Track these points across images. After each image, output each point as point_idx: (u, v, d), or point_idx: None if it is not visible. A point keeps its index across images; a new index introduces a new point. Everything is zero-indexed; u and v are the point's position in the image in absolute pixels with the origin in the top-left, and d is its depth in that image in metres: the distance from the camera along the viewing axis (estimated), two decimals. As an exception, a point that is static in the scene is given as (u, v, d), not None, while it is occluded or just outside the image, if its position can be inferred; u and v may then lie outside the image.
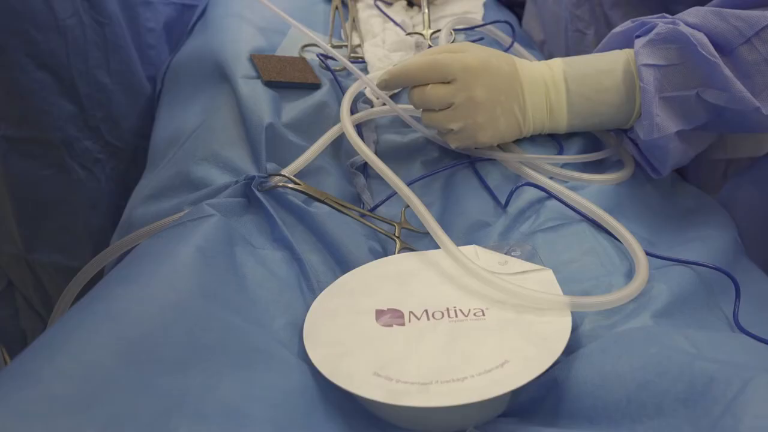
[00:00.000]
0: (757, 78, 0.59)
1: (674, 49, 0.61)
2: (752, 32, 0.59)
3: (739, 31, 0.59)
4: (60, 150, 1.04)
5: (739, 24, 0.60)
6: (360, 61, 0.77)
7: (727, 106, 0.60)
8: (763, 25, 0.59)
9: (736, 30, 0.59)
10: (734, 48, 0.60)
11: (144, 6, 1.05)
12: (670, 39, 0.61)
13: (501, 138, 0.65)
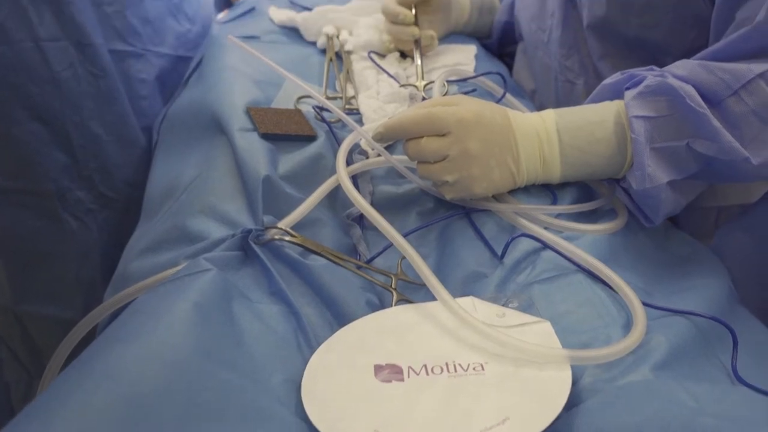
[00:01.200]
0: (746, 129, 0.61)
1: (663, 100, 0.62)
2: (739, 85, 0.61)
3: (726, 84, 0.61)
4: (52, 201, 1.04)
5: (726, 77, 0.61)
6: (355, 112, 0.78)
7: (717, 157, 0.61)
8: (749, 78, 0.60)
9: (723, 82, 0.61)
10: (722, 100, 0.61)
11: (135, 58, 1.07)
12: (659, 91, 0.63)
13: (495, 189, 0.66)
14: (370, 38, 0.90)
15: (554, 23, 0.86)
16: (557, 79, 0.88)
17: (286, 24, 0.96)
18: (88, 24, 0.99)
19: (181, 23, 1.11)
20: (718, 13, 0.68)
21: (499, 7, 1.07)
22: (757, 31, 0.62)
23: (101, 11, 1.01)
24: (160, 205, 0.73)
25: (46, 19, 0.96)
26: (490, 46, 1.06)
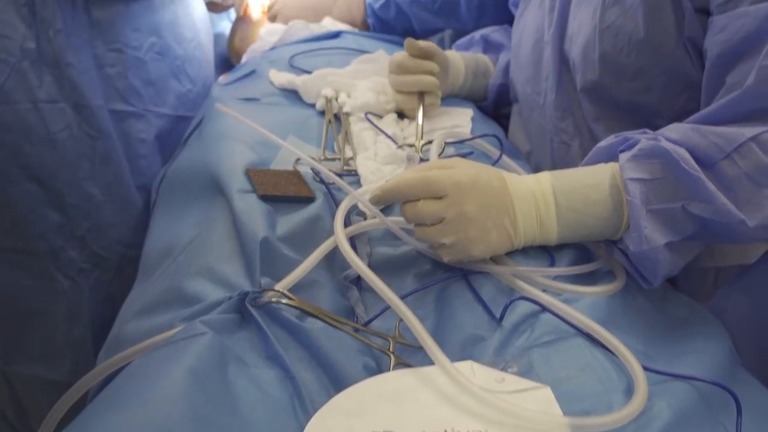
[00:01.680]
0: (740, 192, 0.61)
1: (657, 163, 0.63)
2: (731, 148, 0.61)
3: (719, 147, 0.62)
4: (45, 260, 1.03)
5: (718, 140, 0.62)
6: (353, 173, 0.79)
7: (713, 219, 0.62)
8: (741, 141, 0.61)
9: (716, 146, 0.62)
10: (715, 162, 0.62)
11: (136, 118, 1.08)
12: (653, 154, 0.64)
13: (493, 251, 0.66)
14: (367, 100, 0.91)
15: (548, 86, 0.88)
16: (552, 140, 0.89)
17: (286, 86, 0.97)
18: (88, 86, 1.00)
19: (182, 84, 1.13)
20: (709, 77, 0.70)
21: (493, 70, 1.09)
22: (747, 95, 0.63)
23: (104, 72, 1.03)
24: (158, 265, 0.72)
25: (46, 81, 0.97)
26: (485, 108, 1.08)
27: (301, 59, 1.05)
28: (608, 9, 0.77)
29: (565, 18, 0.86)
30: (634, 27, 0.74)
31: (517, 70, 0.97)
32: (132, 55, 1.05)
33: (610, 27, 0.77)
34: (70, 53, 0.98)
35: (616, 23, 0.76)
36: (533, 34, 0.93)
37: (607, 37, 0.77)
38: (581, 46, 0.81)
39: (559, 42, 0.86)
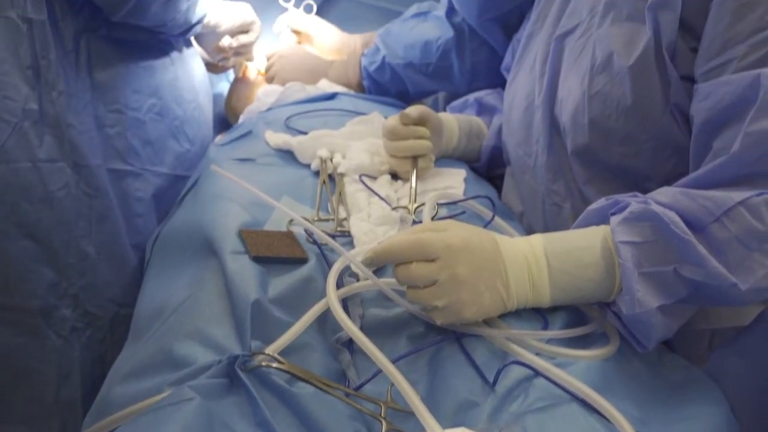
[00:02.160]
0: (731, 255, 0.62)
1: (648, 226, 0.64)
2: (720, 212, 0.62)
3: (709, 211, 0.62)
4: (36, 318, 1.02)
5: (707, 204, 0.63)
6: (346, 234, 0.79)
7: (705, 282, 0.62)
8: (730, 205, 0.62)
9: (706, 209, 0.63)
10: (705, 226, 0.63)
11: (134, 177, 1.09)
12: (643, 217, 0.64)
13: (485, 313, 0.66)
14: (362, 161, 0.93)
15: (540, 149, 0.90)
16: (544, 202, 0.90)
17: (281, 147, 0.99)
18: (87, 146, 1.01)
19: (181, 144, 1.14)
20: (696, 143, 0.71)
21: (486, 132, 1.11)
22: (733, 160, 0.65)
23: (103, 132, 1.04)
24: (148, 326, 0.72)
25: (46, 141, 0.98)
26: (479, 169, 1.10)
27: (297, 120, 1.07)
28: (596, 76, 0.79)
29: (554, 84, 0.88)
30: (622, 94, 0.76)
31: (509, 133, 0.99)
32: (132, 115, 1.07)
33: (598, 93, 0.78)
34: (71, 114, 1.00)
35: (604, 90, 0.78)
36: (524, 98, 0.95)
37: (595, 103, 0.79)
38: (571, 111, 0.82)
39: (550, 107, 0.88)
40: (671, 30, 0.72)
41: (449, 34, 1.21)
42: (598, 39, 0.80)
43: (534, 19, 1.00)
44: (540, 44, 0.94)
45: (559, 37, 0.89)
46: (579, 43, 0.85)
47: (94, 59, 1.03)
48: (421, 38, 1.24)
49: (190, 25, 1.10)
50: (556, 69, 0.88)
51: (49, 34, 0.97)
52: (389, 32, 1.29)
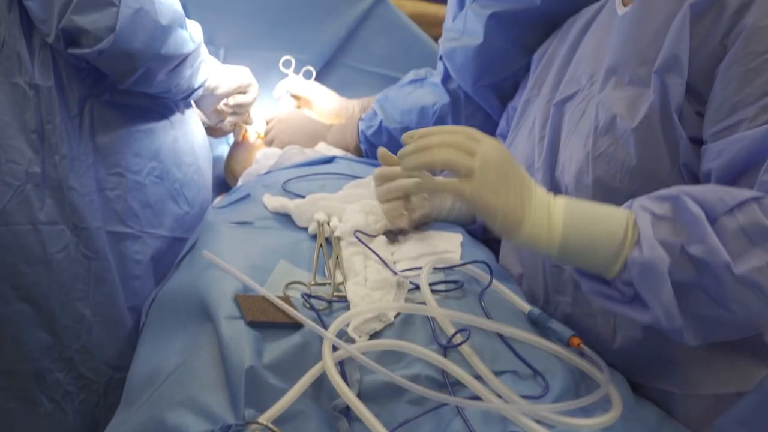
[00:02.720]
0: (733, 244, 0.63)
1: (668, 205, 0.68)
2: (734, 203, 0.64)
3: (724, 202, 0.65)
4: (29, 381, 1.01)
5: (725, 196, 0.65)
6: (343, 299, 0.79)
7: (704, 259, 0.63)
8: (744, 198, 0.64)
9: (722, 201, 0.65)
10: (718, 217, 0.65)
11: (133, 239, 1.09)
12: (665, 197, 0.69)
13: (504, 210, 0.70)
14: (356, 222, 0.93)
15: None
16: (545, 263, 0.90)
17: (279, 211, 1.00)
18: (88, 208, 1.03)
19: (180, 206, 1.15)
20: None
21: None
22: None
23: (104, 195, 1.06)
24: (141, 393, 0.71)
25: (47, 204, 0.99)
26: (475, 232, 1.10)
27: (295, 184, 1.08)
28: (600, 138, 0.80)
29: (555, 147, 0.90)
30: (627, 155, 0.78)
31: None
32: (132, 178, 1.08)
33: (602, 154, 0.80)
34: (73, 177, 1.01)
35: (608, 151, 0.80)
36: (523, 161, 0.96)
37: (600, 164, 0.80)
38: (574, 172, 0.84)
39: (550, 169, 0.90)
40: (679, 93, 0.75)
41: (445, 100, 1.23)
42: (600, 103, 0.82)
43: (531, 86, 1.03)
44: (538, 110, 0.96)
45: (558, 102, 0.91)
46: (580, 107, 0.87)
47: (97, 123, 1.05)
48: (418, 104, 1.26)
49: (193, 89, 1.13)
50: (557, 133, 0.90)
51: (55, 100, 1.00)
52: (386, 97, 1.32)
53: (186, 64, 1.07)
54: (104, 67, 1.00)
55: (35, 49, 0.99)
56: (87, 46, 0.95)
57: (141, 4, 0.97)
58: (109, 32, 0.94)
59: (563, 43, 1.01)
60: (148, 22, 0.98)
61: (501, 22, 1.11)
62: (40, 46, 0.99)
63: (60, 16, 0.94)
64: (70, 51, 0.96)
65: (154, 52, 1.00)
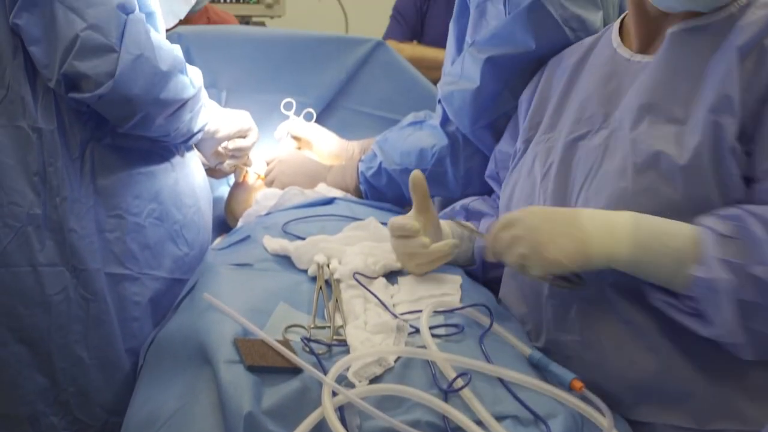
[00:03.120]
0: None
1: (732, 225, 0.72)
2: None
3: None
4: (23, 425, 1.00)
5: None
6: (343, 343, 0.79)
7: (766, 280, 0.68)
8: None
9: None
10: None
11: (131, 281, 1.09)
12: (730, 217, 0.73)
13: (568, 254, 0.76)
14: (356, 264, 0.93)
15: None
16: (548, 302, 0.90)
17: (279, 252, 1.00)
18: (87, 250, 1.03)
19: (179, 248, 1.15)
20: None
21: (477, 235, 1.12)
22: None
23: (103, 237, 1.06)
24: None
25: (48, 246, 1.00)
26: (474, 273, 1.10)
27: (295, 225, 1.09)
28: (642, 173, 0.81)
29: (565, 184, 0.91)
30: (673, 191, 0.79)
31: None
32: (132, 220, 1.08)
33: (645, 190, 0.81)
34: (73, 219, 1.02)
35: (652, 186, 0.80)
36: (524, 201, 0.96)
37: (643, 199, 0.80)
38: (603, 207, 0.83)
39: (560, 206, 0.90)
40: (732, 133, 0.77)
41: (444, 142, 1.25)
42: (635, 140, 0.83)
43: (526, 127, 1.04)
44: (538, 150, 0.97)
45: (569, 141, 0.92)
46: (599, 145, 0.88)
47: (98, 166, 1.06)
48: (417, 146, 1.28)
49: (192, 133, 1.14)
50: (567, 170, 0.91)
51: (57, 143, 1.01)
52: (386, 139, 1.34)
53: (185, 109, 1.08)
54: (103, 112, 1.02)
55: (38, 94, 1.00)
56: (87, 91, 0.97)
57: (141, 50, 0.98)
58: (109, 78, 0.96)
59: (553, 84, 1.03)
60: (148, 68, 0.99)
61: (496, 66, 1.13)
62: (43, 91, 1.00)
63: (62, 61, 0.95)
64: (70, 95, 0.98)
65: (153, 97, 1.01)
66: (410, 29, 2.19)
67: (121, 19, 0.98)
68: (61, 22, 0.95)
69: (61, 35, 0.95)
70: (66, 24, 0.95)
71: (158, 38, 1.04)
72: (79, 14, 0.95)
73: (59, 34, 0.95)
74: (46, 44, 0.97)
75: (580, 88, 0.97)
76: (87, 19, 0.95)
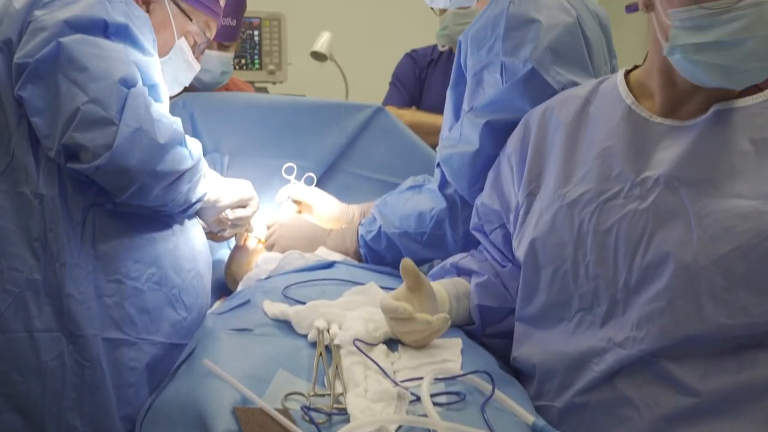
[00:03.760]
0: None
1: None
2: None
3: None
4: (14, 495, 0.97)
5: None
6: (343, 412, 0.77)
7: None
8: None
9: None
10: None
11: (128, 346, 1.08)
12: None
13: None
14: (357, 331, 0.92)
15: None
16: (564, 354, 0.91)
17: (279, 317, 0.99)
18: (85, 315, 1.02)
19: (178, 312, 1.14)
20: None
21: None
22: None
23: (102, 302, 1.05)
24: None
25: (45, 311, 0.99)
26: (474, 332, 1.09)
27: (295, 290, 1.08)
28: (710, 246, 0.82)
29: (606, 250, 0.90)
30: (745, 266, 0.80)
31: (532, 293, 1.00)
32: (131, 285, 1.08)
33: (715, 263, 0.82)
34: (72, 284, 1.02)
35: (721, 261, 0.81)
36: (552, 259, 0.96)
37: (712, 274, 0.82)
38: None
39: (609, 258, 0.90)
40: None
41: (442, 205, 1.26)
42: (699, 213, 0.84)
43: (527, 180, 1.04)
44: (557, 207, 0.97)
45: (602, 201, 0.92)
46: (647, 209, 0.88)
47: (98, 232, 1.06)
48: (416, 209, 1.29)
49: (191, 204, 1.15)
50: (605, 234, 0.91)
51: (59, 208, 1.02)
52: (385, 203, 1.35)
53: (183, 180, 1.09)
54: (101, 182, 1.03)
55: (41, 160, 1.02)
56: (85, 162, 0.99)
57: (140, 123, 1.01)
58: (107, 149, 0.98)
59: (549, 136, 1.03)
60: (146, 141, 1.01)
61: (494, 130, 1.15)
62: (46, 158, 1.02)
63: (62, 132, 0.97)
64: (69, 165, 1.00)
65: (149, 169, 1.03)
66: (409, 95, 2.25)
67: (122, 93, 1.00)
68: (63, 94, 0.98)
69: (63, 107, 0.97)
70: (68, 97, 0.98)
71: (158, 112, 1.06)
72: (82, 88, 0.98)
73: (61, 106, 0.98)
74: (48, 116, 0.99)
75: (590, 140, 0.98)
76: (89, 93, 0.98)
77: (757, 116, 0.86)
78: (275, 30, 2.43)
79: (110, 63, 1.01)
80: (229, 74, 1.80)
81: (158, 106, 1.07)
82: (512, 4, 1.14)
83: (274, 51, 2.43)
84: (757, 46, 0.83)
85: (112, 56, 1.02)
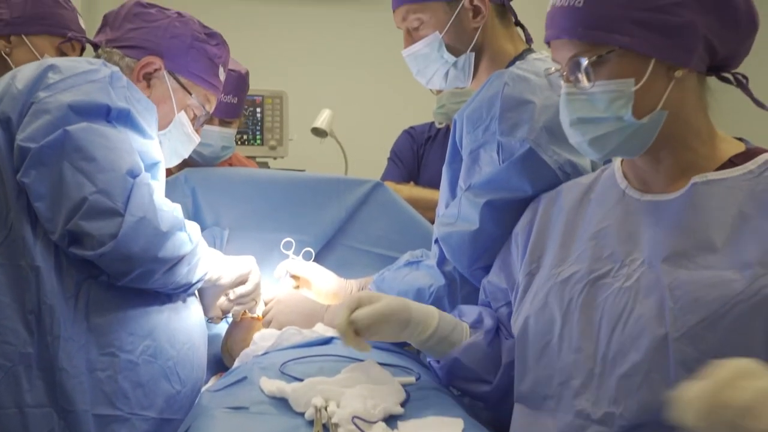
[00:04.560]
0: None
1: None
2: None
3: None
4: None
5: None
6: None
7: None
8: None
9: None
10: None
11: (120, 423, 1.06)
12: None
13: None
14: (355, 408, 0.91)
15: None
16: None
17: (276, 395, 0.97)
18: (77, 390, 1.00)
19: (172, 385, 1.12)
20: None
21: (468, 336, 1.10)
22: None
23: (95, 376, 1.04)
24: None
25: (36, 386, 0.98)
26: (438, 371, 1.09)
27: (293, 366, 1.07)
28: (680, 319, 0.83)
29: (590, 326, 0.91)
30: (713, 335, 0.80)
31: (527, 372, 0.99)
32: (125, 358, 1.06)
33: (685, 336, 0.82)
34: (64, 358, 1.00)
35: (690, 333, 0.82)
36: (540, 337, 0.97)
37: (683, 346, 0.82)
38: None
39: (589, 332, 0.91)
40: None
41: (441, 281, 1.26)
42: (671, 285, 0.85)
43: (528, 260, 1.05)
44: (551, 285, 0.98)
45: (592, 280, 0.93)
46: (631, 287, 0.89)
47: (92, 304, 1.06)
48: (414, 285, 1.28)
49: (191, 284, 1.15)
50: (590, 311, 0.92)
51: (54, 281, 1.02)
52: (383, 279, 1.34)
53: (183, 264, 1.10)
54: (103, 266, 1.04)
55: (38, 233, 1.03)
56: (89, 249, 1.00)
57: (144, 213, 1.02)
58: (112, 238, 0.99)
59: (551, 219, 1.06)
60: (149, 230, 1.03)
61: (495, 209, 1.16)
62: (43, 231, 1.02)
63: (67, 219, 0.99)
64: (71, 250, 1.00)
65: (152, 256, 1.04)
66: (407, 171, 2.28)
67: (128, 184, 1.02)
68: (69, 182, 0.99)
69: (69, 195, 0.99)
70: (75, 185, 0.99)
71: (160, 200, 1.09)
72: (90, 178, 1.00)
73: (67, 193, 0.99)
74: (50, 201, 1.00)
75: (587, 224, 1.00)
76: (97, 184, 1.00)
77: (735, 189, 0.87)
78: (277, 107, 2.48)
79: (117, 154, 1.04)
80: (231, 149, 1.83)
81: (157, 185, 1.09)
82: (507, 86, 1.18)
83: (276, 127, 2.48)
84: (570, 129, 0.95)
85: (119, 147, 1.05)
